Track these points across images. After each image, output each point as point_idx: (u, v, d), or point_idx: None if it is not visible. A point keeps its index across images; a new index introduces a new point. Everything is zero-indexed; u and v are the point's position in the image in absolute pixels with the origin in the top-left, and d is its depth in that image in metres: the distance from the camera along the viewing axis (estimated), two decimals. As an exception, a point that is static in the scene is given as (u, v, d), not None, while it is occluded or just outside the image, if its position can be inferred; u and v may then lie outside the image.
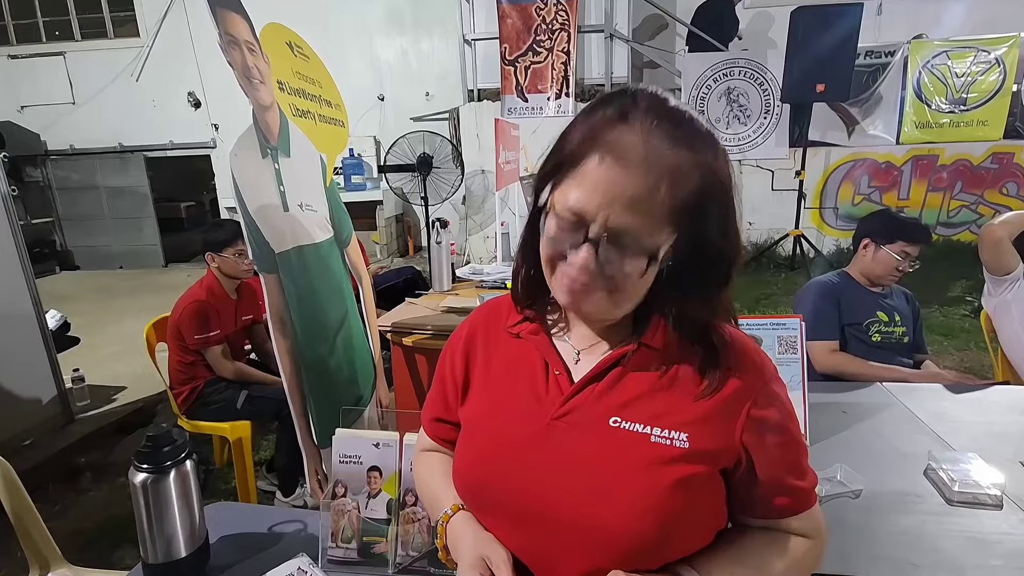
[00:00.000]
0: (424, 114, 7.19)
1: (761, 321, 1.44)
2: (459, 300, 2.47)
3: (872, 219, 2.08)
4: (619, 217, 0.57)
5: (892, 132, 5.62)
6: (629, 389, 0.68)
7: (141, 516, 0.96)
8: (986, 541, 1.05)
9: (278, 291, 1.51)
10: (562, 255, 0.63)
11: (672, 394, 0.67)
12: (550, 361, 0.72)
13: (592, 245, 0.59)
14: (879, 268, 1.96)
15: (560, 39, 5.59)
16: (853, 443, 1.42)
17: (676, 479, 0.63)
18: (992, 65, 5.36)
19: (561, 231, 0.62)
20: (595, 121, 0.60)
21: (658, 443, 0.64)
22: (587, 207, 0.58)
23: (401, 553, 1.03)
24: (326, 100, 1.95)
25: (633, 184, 0.57)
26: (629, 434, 0.65)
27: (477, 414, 0.77)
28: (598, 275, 0.61)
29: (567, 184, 0.61)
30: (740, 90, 5.64)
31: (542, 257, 0.66)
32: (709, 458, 0.65)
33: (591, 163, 0.59)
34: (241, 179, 1.36)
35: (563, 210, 0.60)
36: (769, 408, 0.67)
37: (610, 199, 0.57)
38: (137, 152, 7.69)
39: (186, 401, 2.35)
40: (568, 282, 0.63)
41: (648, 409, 0.66)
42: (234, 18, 1.39)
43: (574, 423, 0.68)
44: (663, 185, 0.57)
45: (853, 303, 1.98)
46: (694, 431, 0.64)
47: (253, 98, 1.41)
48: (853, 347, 1.96)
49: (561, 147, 0.63)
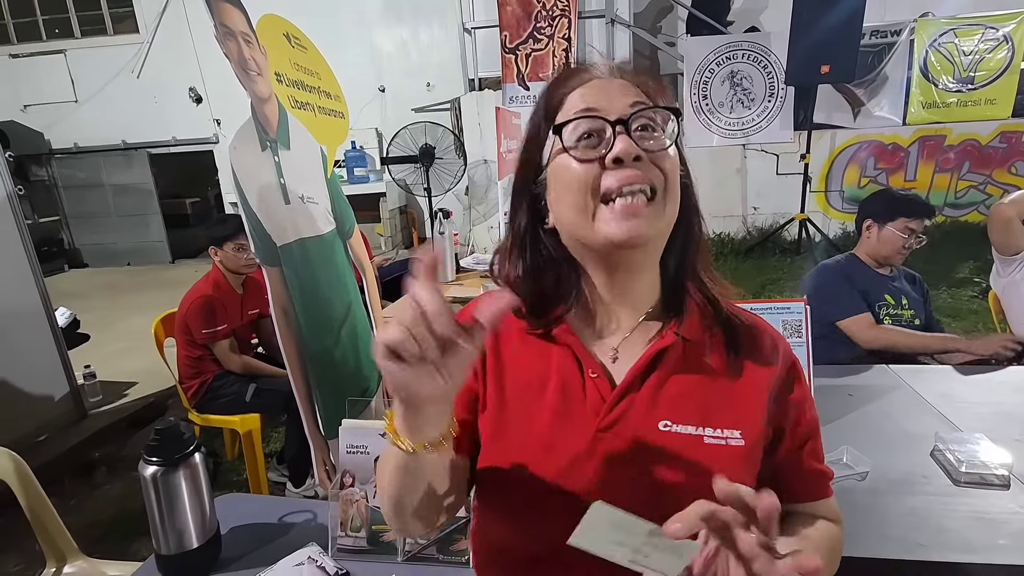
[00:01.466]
0: (425, 105, 7.15)
1: (766, 305, 1.43)
2: (463, 290, 2.47)
3: (872, 200, 2.08)
4: (627, 101, 0.61)
5: (898, 113, 5.54)
6: (674, 388, 0.64)
7: (152, 508, 0.97)
8: (993, 521, 1.04)
9: (281, 284, 1.51)
10: (596, 186, 0.59)
11: (716, 390, 0.64)
12: (584, 362, 0.65)
13: (624, 131, 0.59)
14: (885, 248, 1.95)
15: (560, 25, 5.54)
16: (860, 425, 1.42)
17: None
18: (1000, 42, 5.27)
19: (585, 150, 0.60)
20: (557, 82, 0.66)
21: (712, 444, 0.61)
22: (598, 103, 0.61)
23: (410, 541, 1.04)
24: (325, 92, 1.94)
25: (617, 83, 0.63)
26: (682, 437, 0.61)
27: (509, 430, 0.66)
28: (644, 163, 0.59)
29: (564, 118, 0.62)
30: (743, 73, 5.56)
31: (572, 210, 0.61)
32: (759, 452, 0.63)
33: (574, 94, 0.63)
34: (241, 172, 1.36)
35: (577, 120, 0.61)
36: (800, 387, 0.67)
37: (609, 95, 0.61)
38: (141, 149, 7.70)
39: (196, 395, 2.38)
40: (622, 198, 0.58)
41: (696, 408, 0.63)
42: (229, 9, 1.39)
43: (621, 433, 0.62)
44: (641, 76, 0.64)
45: (862, 284, 1.97)
46: (745, 426, 0.62)
47: (251, 90, 1.41)
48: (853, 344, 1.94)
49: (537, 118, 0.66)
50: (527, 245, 0.68)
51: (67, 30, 7.54)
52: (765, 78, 5.53)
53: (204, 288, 2.39)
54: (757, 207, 6.11)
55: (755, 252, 5.60)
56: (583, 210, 0.60)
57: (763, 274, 4.98)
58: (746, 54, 5.52)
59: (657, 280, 0.68)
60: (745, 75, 5.57)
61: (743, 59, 5.54)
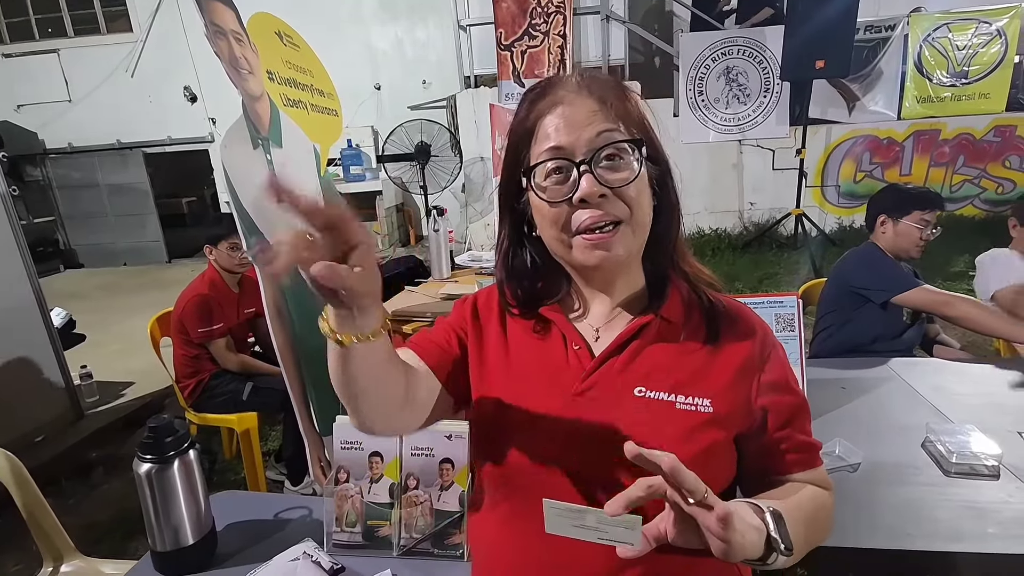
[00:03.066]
0: (421, 102, 7.14)
1: (759, 299, 1.44)
2: (458, 287, 2.48)
3: (882, 196, 2.06)
4: (593, 131, 0.64)
5: (893, 107, 5.55)
6: (650, 360, 0.69)
7: (147, 505, 0.98)
8: (984, 510, 1.06)
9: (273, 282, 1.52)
10: (567, 223, 0.65)
11: (690, 363, 0.69)
12: (569, 336, 0.72)
13: (588, 170, 0.63)
14: (904, 241, 1.92)
15: (556, 22, 5.52)
16: (852, 418, 1.43)
17: (703, 446, 0.65)
18: (993, 37, 5.27)
19: (554, 187, 0.65)
20: (529, 103, 0.69)
21: (683, 410, 0.66)
22: (563, 140, 0.64)
23: (404, 535, 1.05)
24: (318, 89, 1.94)
25: (585, 106, 0.65)
26: (655, 402, 0.67)
27: (494, 393, 0.75)
28: (609, 199, 0.64)
29: (535, 151, 0.67)
30: (739, 69, 5.56)
31: (551, 240, 0.68)
32: (730, 422, 0.67)
33: (546, 121, 0.66)
34: (233, 171, 1.36)
35: (546, 157, 0.65)
36: (778, 370, 0.71)
37: (576, 125, 0.64)
38: (136, 148, 7.67)
39: (192, 394, 2.38)
40: (589, 233, 0.64)
41: (670, 378, 0.68)
42: (220, 8, 1.38)
43: (597, 396, 0.69)
44: (608, 98, 0.66)
45: None
46: (716, 396, 0.67)
47: (242, 89, 1.41)
48: (889, 323, 1.93)
49: (513, 141, 0.70)
50: (515, 251, 0.75)
51: (60, 29, 7.50)
52: (760, 74, 5.54)
53: (200, 287, 2.39)
54: (753, 202, 6.12)
55: (752, 247, 5.61)
56: (560, 242, 0.68)
57: (760, 269, 4.99)
58: (741, 50, 5.52)
59: (639, 272, 0.74)
60: (740, 71, 5.57)
61: (738, 55, 5.54)
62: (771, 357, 0.71)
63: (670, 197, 0.70)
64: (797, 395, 0.73)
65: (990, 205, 6.01)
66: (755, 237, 5.76)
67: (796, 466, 0.72)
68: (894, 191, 2.06)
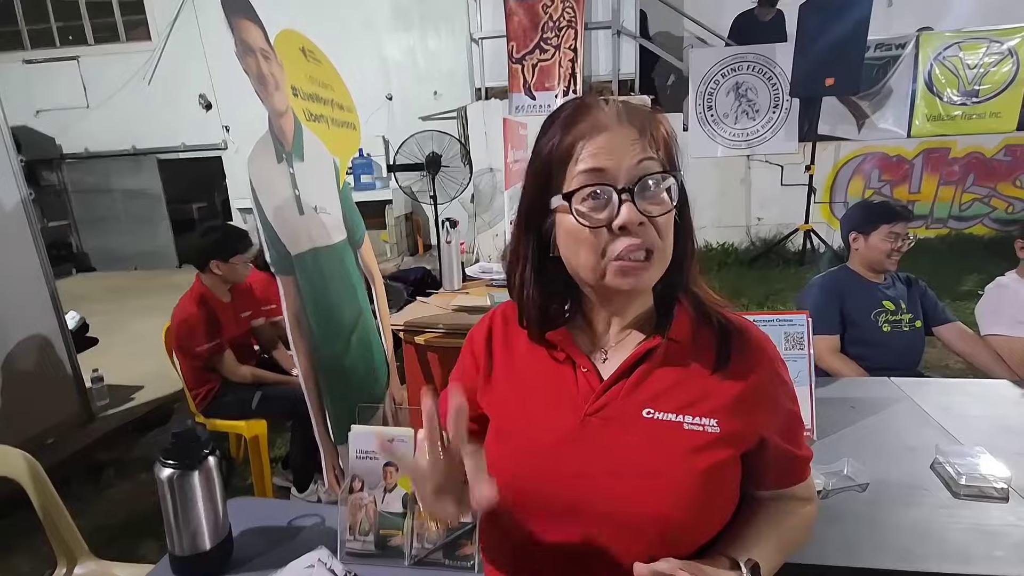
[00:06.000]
0: (432, 113, 7.21)
1: (767, 317, 1.45)
2: (469, 299, 2.50)
3: (851, 213, 2.14)
4: (634, 160, 0.64)
5: (903, 125, 5.56)
6: (658, 382, 0.70)
7: (167, 510, 1.00)
8: (992, 533, 1.06)
9: (295, 292, 1.54)
10: (606, 249, 0.65)
11: (698, 384, 0.70)
12: (577, 360, 0.74)
13: (630, 199, 0.63)
14: (875, 255, 1.99)
15: (567, 36, 5.59)
16: (861, 437, 1.43)
17: (710, 464, 0.66)
18: (1005, 56, 5.28)
19: (592, 212, 0.65)
20: (565, 124, 0.67)
21: (691, 430, 0.68)
22: (607, 165, 0.64)
23: (417, 546, 1.06)
24: (338, 104, 1.98)
25: (627, 135, 0.65)
26: (663, 423, 0.68)
27: (507, 414, 0.77)
28: (646, 227, 0.64)
29: (572, 172, 0.66)
30: (748, 84, 5.60)
31: (584, 267, 0.67)
32: (736, 441, 0.69)
33: (584, 145, 0.65)
34: (258, 184, 1.40)
35: (587, 181, 0.64)
36: (781, 390, 0.73)
37: (619, 152, 0.64)
38: (150, 154, 7.78)
39: (203, 401, 2.40)
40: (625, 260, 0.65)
41: (678, 399, 0.69)
42: (249, 26, 1.42)
43: (608, 418, 0.70)
44: (647, 128, 0.66)
45: (857, 295, 2.00)
46: (722, 416, 0.68)
47: (269, 105, 1.45)
48: (868, 339, 1.97)
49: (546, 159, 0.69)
50: (534, 271, 0.74)
51: (80, 37, 7.64)
52: (770, 89, 5.56)
53: (189, 307, 2.32)
54: (761, 218, 6.12)
55: (759, 263, 5.61)
56: (593, 268, 0.67)
57: (767, 285, 4.99)
58: (751, 66, 5.56)
59: (649, 293, 0.74)
60: (750, 86, 5.60)
61: (748, 71, 5.57)
62: (778, 377, 0.73)
63: (687, 223, 0.71)
64: (795, 413, 0.75)
65: (1000, 224, 5.99)
66: (762, 252, 5.76)
67: (784, 480, 0.76)
68: (862, 208, 2.14)
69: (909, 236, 1.96)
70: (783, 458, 0.74)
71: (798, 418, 0.75)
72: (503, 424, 0.77)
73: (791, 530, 0.75)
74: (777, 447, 0.72)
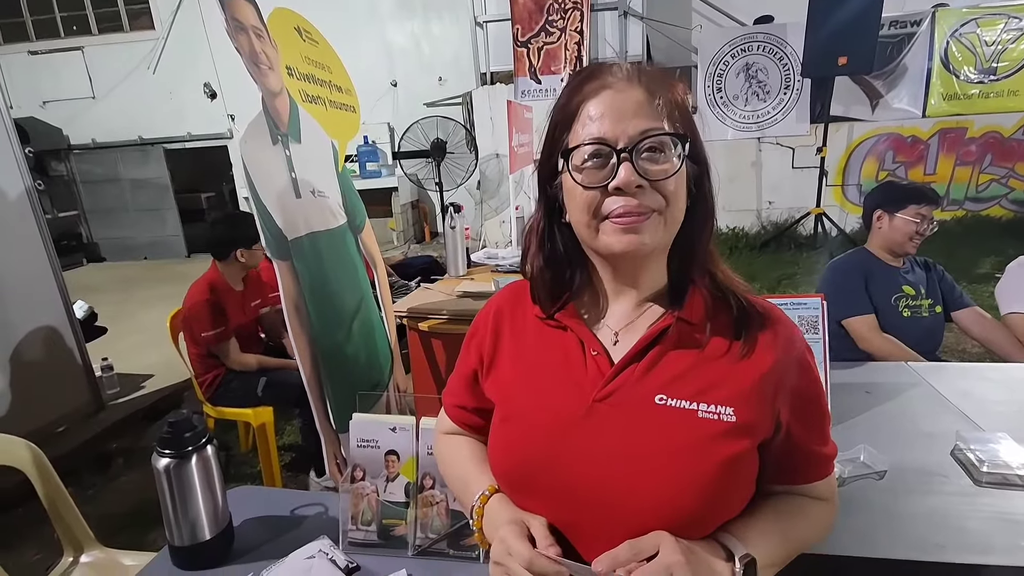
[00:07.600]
0: (437, 99, 7.15)
1: (781, 300, 1.41)
2: (474, 285, 2.46)
3: (877, 192, 2.08)
4: (637, 124, 0.62)
5: (918, 105, 5.43)
6: (671, 366, 0.67)
7: (165, 500, 0.98)
8: (1016, 522, 1.02)
9: (292, 278, 1.52)
10: (599, 208, 0.64)
11: (713, 368, 0.66)
12: (587, 342, 0.70)
13: (628, 159, 0.61)
14: (899, 235, 1.94)
15: (573, 18, 5.49)
16: (878, 423, 1.39)
17: (724, 456, 0.62)
18: (1023, 32, 5.14)
19: (591, 173, 0.63)
20: (575, 86, 0.66)
21: (706, 418, 0.64)
22: (605, 129, 0.63)
23: (420, 535, 1.04)
24: (336, 85, 1.94)
25: (633, 96, 0.63)
26: (676, 411, 0.64)
27: (513, 396, 0.74)
28: (646, 191, 0.62)
29: (575, 133, 0.65)
30: (759, 65, 5.48)
31: (579, 224, 0.66)
32: (753, 431, 0.65)
33: (590, 105, 0.64)
34: (252, 167, 1.37)
35: (585, 144, 0.63)
36: (805, 378, 0.68)
37: (621, 115, 0.63)
38: (157, 144, 7.79)
39: (210, 388, 2.40)
40: (623, 218, 0.63)
41: (692, 384, 0.65)
42: (241, 4, 1.39)
43: (617, 404, 0.66)
44: (656, 91, 0.64)
45: (878, 279, 1.96)
46: (739, 404, 0.64)
47: (262, 84, 1.41)
48: (888, 324, 1.92)
49: (554, 121, 0.68)
50: (545, 238, 0.73)
51: (85, 27, 7.64)
52: (781, 70, 5.45)
53: (201, 292, 2.34)
54: (772, 201, 6.04)
55: (770, 246, 5.54)
56: (588, 226, 0.66)
57: (778, 269, 4.93)
58: (761, 46, 5.44)
59: (663, 272, 0.71)
60: (760, 67, 5.49)
61: (758, 51, 5.46)
62: (801, 364, 0.68)
63: (705, 198, 0.68)
64: (821, 406, 0.71)
65: (1018, 206, 5.87)
66: (773, 236, 5.69)
67: (802, 476, 0.71)
68: (890, 186, 2.10)
69: (934, 221, 1.92)
70: (802, 452, 0.69)
71: (823, 410, 0.71)
72: (509, 408, 0.74)
73: (801, 529, 0.70)
74: (797, 440, 0.68)
